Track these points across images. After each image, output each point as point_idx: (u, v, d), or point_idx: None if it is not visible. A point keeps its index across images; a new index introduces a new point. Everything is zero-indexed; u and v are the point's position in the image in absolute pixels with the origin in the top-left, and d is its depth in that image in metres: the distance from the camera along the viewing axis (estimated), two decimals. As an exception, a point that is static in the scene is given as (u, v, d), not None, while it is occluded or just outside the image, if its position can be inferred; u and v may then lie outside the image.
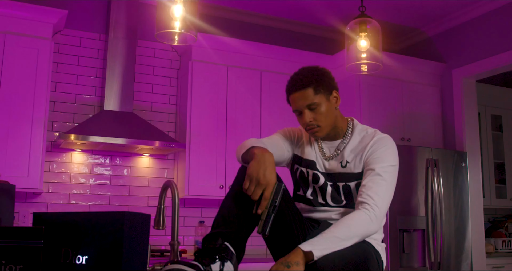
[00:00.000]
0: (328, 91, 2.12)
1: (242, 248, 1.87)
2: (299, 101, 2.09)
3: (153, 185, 4.40)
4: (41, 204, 4.02)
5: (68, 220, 1.72)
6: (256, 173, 1.82)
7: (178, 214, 2.05)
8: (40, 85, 3.82)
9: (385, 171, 2.04)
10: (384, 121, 4.70)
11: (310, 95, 2.07)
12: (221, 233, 1.81)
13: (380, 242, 2.16)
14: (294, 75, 2.14)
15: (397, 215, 4.25)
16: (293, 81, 2.12)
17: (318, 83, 2.09)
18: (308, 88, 2.08)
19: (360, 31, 2.59)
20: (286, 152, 2.24)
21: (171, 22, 2.19)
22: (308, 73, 2.11)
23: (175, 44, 2.23)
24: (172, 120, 4.57)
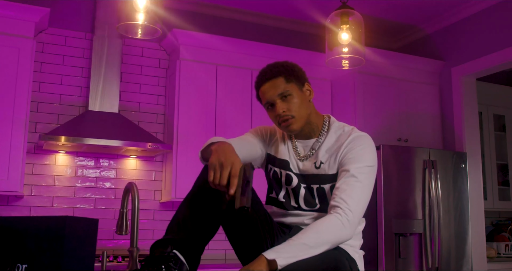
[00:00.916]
0: (300, 82, 1.99)
1: (196, 257, 1.73)
2: (270, 91, 1.96)
3: (141, 188, 4.26)
4: (23, 208, 3.90)
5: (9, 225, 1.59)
6: (217, 160, 1.65)
7: (138, 218, 1.92)
8: (21, 85, 3.70)
9: (360, 172, 1.89)
10: (380, 122, 4.55)
11: (281, 83, 1.95)
12: (170, 239, 1.66)
13: (358, 249, 2.00)
14: (262, 69, 2.01)
15: (393, 218, 4.08)
16: (262, 73, 2.00)
17: (289, 72, 1.97)
18: (279, 77, 1.96)
19: (342, 23, 2.44)
20: (258, 151, 2.09)
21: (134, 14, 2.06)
22: (277, 64, 2.01)
23: (138, 37, 2.10)
24: (161, 121, 4.44)
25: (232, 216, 1.86)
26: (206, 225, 1.77)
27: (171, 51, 4.49)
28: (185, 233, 1.70)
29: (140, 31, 2.10)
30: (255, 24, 4.88)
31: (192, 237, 1.71)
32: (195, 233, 1.72)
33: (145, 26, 2.09)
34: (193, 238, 1.71)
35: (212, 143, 1.83)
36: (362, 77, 4.55)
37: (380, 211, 4.07)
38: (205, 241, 1.77)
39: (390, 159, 4.19)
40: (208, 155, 1.78)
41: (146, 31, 2.12)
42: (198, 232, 1.73)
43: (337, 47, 2.42)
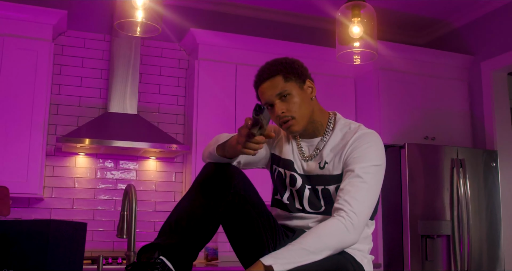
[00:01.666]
0: (300, 80, 1.88)
1: (187, 263, 1.65)
2: (268, 91, 1.86)
3: (161, 189, 4.24)
4: (44, 210, 3.92)
5: (-3, 229, 1.55)
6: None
7: (135, 222, 1.86)
8: (39, 88, 3.72)
9: (366, 171, 1.77)
10: (406, 120, 4.39)
11: (279, 83, 1.84)
12: (158, 245, 1.59)
13: (367, 254, 1.89)
14: (260, 67, 1.92)
15: (419, 220, 3.93)
16: (259, 72, 1.91)
17: (288, 70, 1.86)
18: (276, 76, 1.85)
19: (353, 16, 2.33)
20: (261, 151, 2.00)
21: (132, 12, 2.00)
22: (275, 62, 1.90)
23: (137, 35, 2.04)
24: (181, 122, 4.40)
25: (232, 218, 1.78)
26: (201, 228, 1.69)
27: (190, 51, 4.45)
28: (176, 236, 1.63)
29: (139, 29, 2.04)
30: (274, 22, 4.79)
31: (183, 241, 1.63)
32: (187, 236, 1.65)
33: (144, 23, 2.02)
34: (184, 242, 1.63)
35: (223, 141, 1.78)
36: (386, 74, 4.41)
37: (405, 212, 3.93)
38: (199, 246, 1.69)
39: (416, 158, 4.04)
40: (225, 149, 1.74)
41: (145, 29, 2.06)
42: (191, 236, 1.66)
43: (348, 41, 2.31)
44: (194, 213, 1.70)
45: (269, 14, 4.76)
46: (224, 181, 1.74)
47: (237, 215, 1.77)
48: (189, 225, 1.66)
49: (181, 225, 1.66)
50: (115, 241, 4.01)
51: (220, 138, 1.85)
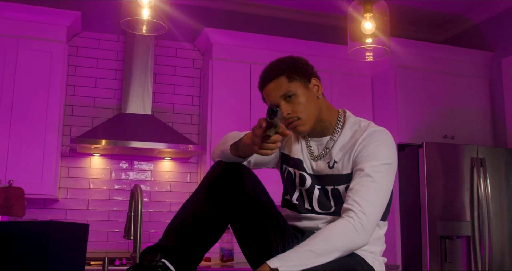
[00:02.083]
0: (305, 79, 1.83)
1: (191, 266, 1.60)
2: (273, 93, 1.81)
3: (176, 190, 4.22)
4: (59, 211, 3.93)
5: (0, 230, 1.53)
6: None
7: (141, 222, 1.83)
8: (54, 89, 3.73)
9: (376, 170, 1.71)
10: (424, 118, 4.30)
11: (283, 83, 1.80)
12: (160, 247, 1.55)
13: (379, 256, 1.83)
14: (264, 69, 1.88)
15: (438, 220, 3.85)
16: (263, 74, 1.86)
17: (292, 70, 1.81)
18: (280, 77, 1.80)
19: (365, 11, 2.27)
20: None
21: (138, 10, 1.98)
22: (278, 62, 1.85)
23: (143, 33, 2.02)
24: (195, 122, 4.38)
25: (241, 219, 1.74)
26: (207, 229, 1.65)
27: (204, 51, 4.42)
28: (180, 238, 1.59)
29: (145, 28, 2.02)
30: (288, 20, 4.74)
31: (187, 243, 1.59)
32: (192, 238, 1.61)
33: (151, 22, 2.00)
34: (188, 244, 1.59)
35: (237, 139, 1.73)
36: (403, 72, 4.33)
37: (424, 212, 3.85)
38: (204, 248, 1.65)
39: (435, 157, 3.95)
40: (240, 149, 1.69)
41: (151, 27, 2.04)
42: (196, 238, 1.62)
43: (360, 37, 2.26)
44: (200, 214, 1.66)
45: (284, 12, 4.71)
46: (233, 181, 1.70)
47: (246, 217, 1.73)
48: (195, 226, 1.62)
49: (187, 226, 1.62)
50: (130, 242, 4.00)
51: (231, 136, 1.81)
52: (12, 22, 3.70)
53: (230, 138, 1.80)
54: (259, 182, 1.78)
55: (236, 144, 1.72)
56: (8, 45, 3.68)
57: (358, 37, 2.28)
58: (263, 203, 1.75)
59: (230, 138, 1.81)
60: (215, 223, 1.68)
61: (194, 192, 1.76)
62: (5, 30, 3.69)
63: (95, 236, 3.95)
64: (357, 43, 2.27)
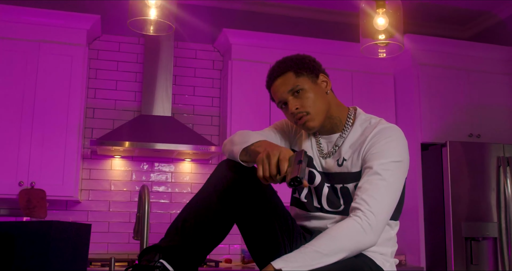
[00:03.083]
0: (313, 74, 1.80)
1: (191, 267, 1.57)
2: (280, 88, 1.78)
3: (196, 191, 4.19)
4: (81, 212, 3.97)
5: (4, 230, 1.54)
6: (265, 152, 1.54)
7: (148, 222, 1.82)
8: (74, 92, 3.77)
9: (385, 168, 1.66)
10: (448, 116, 4.20)
11: (291, 79, 1.77)
12: (159, 247, 1.53)
13: (390, 257, 1.78)
14: (271, 67, 1.85)
15: (463, 222, 3.75)
16: (270, 72, 1.85)
17: (299, 66, 1.78)
18: (287, 73, 1.78)
19: (377, 7, 2.22)
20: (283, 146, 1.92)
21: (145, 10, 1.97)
22: (285, 59, 1.84)
23: (151, 33, 2.01)
24: (216, 123, 4.37)
25: (247, 220, 1.71)
26: (209, 230, 1.62)
27: (224, 52, 4.42)
28: (180, 238, 1.56)
29: (152, 28, 2.01)
30: (307, 20, 4.70)
31: (187, 243, 1.56)
32: (193, 239, 1.58)
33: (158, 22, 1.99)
34: (188, 244, 1.56)
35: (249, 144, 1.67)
36: (427, 70, 4.24)
37: (448, 213, 3.76)
38: (206, 249, 1.61)
39: (460, 157, 3.86)
40: (250, 156, 1.65)
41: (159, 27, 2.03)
42: (197, 238, 1.59)
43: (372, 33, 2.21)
44: (203, 214, 1.63)
45: (302, 12, 4.67)
46: (238, 181, 1.67)
47: (252, 217, 1.70)
48: (196, 226, 1.59)
49: (187, 226, 1.59)
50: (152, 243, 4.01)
51: (244, 139, 1.73)
52: (33, 26, 3.76)
53: (243, 139, 1.73)
54: None
55: (246, 149, 1.67)
56: (29, 50, 3.74)
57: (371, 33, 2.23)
58: (270, 203, 1.72)
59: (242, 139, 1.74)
60: (218, 224, 1.65)
61: (199, 191, 1.73)
62: (26, 34, 3.74)
63: (116, 237, 3.97)
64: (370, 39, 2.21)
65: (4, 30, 3.71)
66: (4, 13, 3.71)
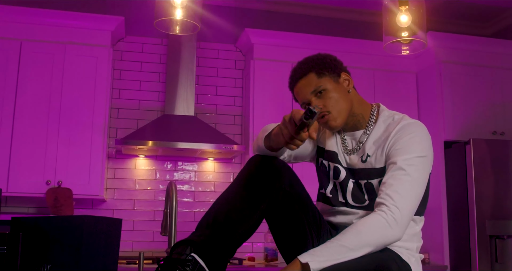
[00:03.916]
0: (334, 73, 1.82)
1: (222, 260, 1.60)
2: (303, 90, 1.81)
3: (219, 190, 4.25)
4: (106, 211, 4.04)
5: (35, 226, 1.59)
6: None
7: (175, 218, 1.86)
8: (99, 93, 3.84)
9: (409, 164, 1.68)
10: (472, 114, 4.18)
11: (313, 79, 1.79)
12: (191, 241, 1.55)
13: (415, 252, 1.79)
14: (292, 68, 1.88)
15: (487, 220, 3.73)
16: (292, 73, 1.87)
17: (320, 66, 1.80)
18: (309, 74, 1.80)
19: (400, 4, 2.23)
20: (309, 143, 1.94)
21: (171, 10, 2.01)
22: (306, 60, 1.86)
23: (177, 33, 2.05)
24: (238, 123, 4.41)
25: (276, 215, 1.74)
26: (240, 224, 1.64)
27: (246, 52, 4.45)
28: (212, 232, 1.59)
29: (178, 28, 2.05)
30: (329, 19, 4.70)
31: (219, 237, 1.58)
32: (224, 233, 1.60)
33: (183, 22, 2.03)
34: (220, 238, 1.58)
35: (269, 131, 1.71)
36: (449, 67, 4.22)
37: (472, 211, 3.74)
38: (237, 242, 1.63)
39: (483, 154, 3.84)
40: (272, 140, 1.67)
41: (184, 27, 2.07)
42: (228, 232, 1.61)
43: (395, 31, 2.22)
44: (233, 209, 1.64)
45: (323, 11, 4.68)
46: (269, 176, 1.69)
47: (281, 212, 1.73)
48: (227, 221, 1.61)
49: (219, 221, 1.61)
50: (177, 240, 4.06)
51: (266, 128, 1.79)
52: (59, 28, 3.84)
53: (265, 130, 1.79)
54: (295, 177, 1.77)
55: (268, 135, 1.71)
56: (56, 51, 3.82)
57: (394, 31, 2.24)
58: (299, 198, 1.74)
59: (264, 131, 1.79)
60: (248, 218, 1.66)
61: (229, 186, 1.75)
62: (52, 36, 3.82)
63: (141, 235, 4.03)
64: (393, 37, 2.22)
65: (30, 32, 3.80)
66: (30, 16, 3.79)
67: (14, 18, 3.79)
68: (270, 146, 1.70)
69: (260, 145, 1.74)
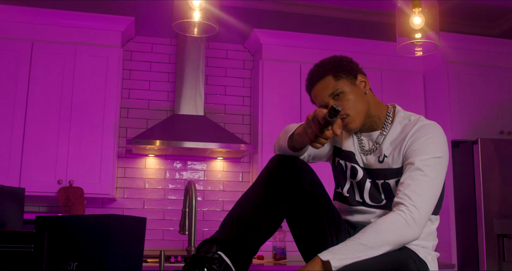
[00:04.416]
0: (351, 76, 1.85)
1: (246, 258, 1.64)
2: (321, 93, 1.84)
3: (228, 189, 4.29)
4: (116, 210, 4.07)
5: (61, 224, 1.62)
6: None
7: (195, 217, 1.89)
8: (110, 92, 3.87)
9: (427, 164, 1.71)
10: (479, 114, 4.20)
11: (330, 82, 1.82)
12: (217, 239, 1.59)
13: (431, 251, 1.83)
14: (309, 71, 1.90)
15: (495, 218, 3.76)
16: (309, 76, 1.89)
17: (337, 69, 1.83)
18: (326, 77, 1.83)
19: (413, 6, 2.26)
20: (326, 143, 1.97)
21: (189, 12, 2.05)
22: (322, 62, 1.88)
23: (195, 35, 2.08)
24: (247, 122, 4.44)
25: (297, 214, 1.77)
26: (263, 224, 1.68)
27: (254, 52, 4.48)
28: (237, 231, 1.63)
29: (196, 30, 2.08)
30: (337, 19, 4.73)
31: (243, 236, 1.62)
32: (248, 232, 1.64)
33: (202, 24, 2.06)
34: (244, 237, 1.62)
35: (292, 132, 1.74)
36: (456, 67, 4.25)
37: (480, 210, 3.77)
38: (260, 241, 1.67)
39: (491, 154, 3.86)
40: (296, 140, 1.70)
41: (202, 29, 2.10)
42: (252, 231, 1.65)
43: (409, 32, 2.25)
44: (257, 208, 1.68)
45: (332, 11, 4.71)
46: (290, 176, 1.73)
47: (302, 211, 1.76)
48: (252, 220, 1.65)
49: (243, 219, 1.65)
50: (185, 240, 4.10)
51: (289, 129, 1.82)
52: (70, 29, 3.87)
53: (287, 130, 1.81)
54: (316, 177, 1.80)
55: (291, 135, 1.74)
56: (67, 52, 3.85)
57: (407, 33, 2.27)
58: (320, 198, 1.77)
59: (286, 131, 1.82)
60: (271, 218, 1.70)
61: (252, 185, 1.79)
62: (63, 37, 3.86)
63: (151, 234, 4.06)
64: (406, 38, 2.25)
65: (41, 33, 3.83)
66: (41, 17, 3.83)
67: (25, 19, 3.82)
68: (292, 146, 1.73)
69: (283, 145, 1.77)
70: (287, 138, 1.75)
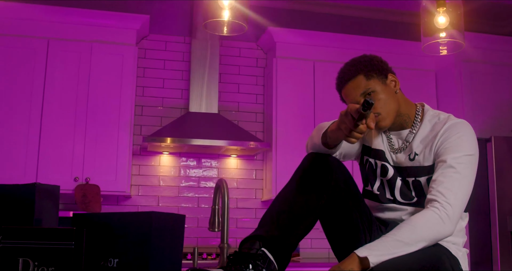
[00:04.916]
0: (382, 75, 1.87)
1: (286, 255, 1.67)
2: (352, 92, 1.85)
3: (242, 186, 4.31)
4: (131, 207, 4.10)
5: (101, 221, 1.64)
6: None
7: (228, 214, 1.91)
8: (125, 90, 3.89)
9: (459, 162, 1.74)
10: (491, 112, 4.23)
11: (362, 82, 1.83)
12: (260, 236, 1.62)
13: (461, 247, 1.85)
14: (340, 69, 1.91)
15: (508, 216, 3.78)
16: (340, 75, 1.90)
17: (368, 68, 1.84)
18: (358, 76, 1.84)
19: (438, 6, 2.28)
20: None
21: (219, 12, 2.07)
22: (353, 62, 1.89)
23: (224, 34, 2.11)
24: (260, 120, 4.46)
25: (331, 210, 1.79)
26: (302, 220, 1.70)
27: (267, 50, 4.50)
28: (277, 228, 1.65)
29: (226, 29, 2.10)
30: (350, 17, 4.75)
31: (284, 233, 1.65)
32: (288, 228, 1.66)
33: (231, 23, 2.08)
34: (285, 234, 1.65)
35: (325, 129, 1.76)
36: (468, 66, 4.27)
37: (493, 208, 3.79)
38: (299, 238, 1.70)
39: (504, 152, 3.89)
40: (329, 137, 1.72)
41: (232, 28, 2.12)
42: (292, 228, 1.67)
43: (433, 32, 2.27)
44: (295, 205, 1.71)
45: (345, 9, 4.73)
46: (325, 174, 1.75)
47: (336, 208, 1.78)
48: (291, 217, 1.68)
49: (283, 217, 1.68)
50: (199, 237, 4.12)
51: (321, 126, 1.84)
52: (85, 27, 3.89)
53: (321, 128, 1.83)
54: (349, 174, 1.82)
55: (325, 132, 1.76)
56: (82, 50, 3.87)
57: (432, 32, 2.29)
58: (353, 195, 1.80)
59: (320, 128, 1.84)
60: (308, 215, 1.72)
61: (288, 183, 1.81)
62: (79, 35, 3.87)
63: (166, 231, 4.08)
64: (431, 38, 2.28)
65: (58, 31, 3.85)
66: (57, 15, 3.84)
67: (41, 17, 3.84)
68: (326, 143, 1.75)
69: (316, 142, 1.79)
70: (320, 135, 1.77)
